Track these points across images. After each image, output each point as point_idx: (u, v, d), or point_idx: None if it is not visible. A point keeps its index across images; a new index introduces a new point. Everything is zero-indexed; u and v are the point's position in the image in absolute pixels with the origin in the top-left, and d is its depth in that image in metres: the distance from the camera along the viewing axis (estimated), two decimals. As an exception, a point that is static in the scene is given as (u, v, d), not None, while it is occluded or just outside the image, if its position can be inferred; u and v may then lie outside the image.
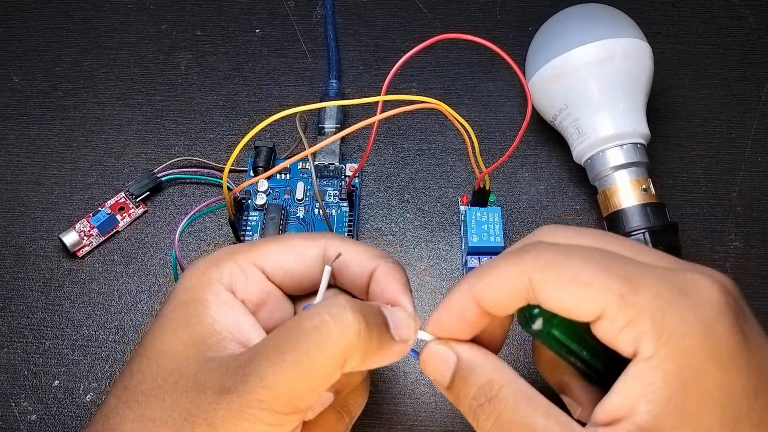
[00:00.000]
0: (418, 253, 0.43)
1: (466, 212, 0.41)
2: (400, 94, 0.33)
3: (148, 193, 0.44)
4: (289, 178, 0.44)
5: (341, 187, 0.43)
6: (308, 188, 0.43)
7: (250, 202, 0.43)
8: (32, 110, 0.48)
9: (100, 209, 0.43)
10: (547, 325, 0.24)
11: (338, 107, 0.45)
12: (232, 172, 0.45)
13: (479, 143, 0.36)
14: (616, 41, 0.41)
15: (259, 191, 0.43)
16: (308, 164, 0.44)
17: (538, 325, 0.24)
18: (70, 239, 0.42)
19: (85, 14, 0.52)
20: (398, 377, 0.39)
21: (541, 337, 0.24)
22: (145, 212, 0.44)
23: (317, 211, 0.43)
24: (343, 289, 0.29)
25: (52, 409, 0.38)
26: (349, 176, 0.44)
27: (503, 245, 0.40)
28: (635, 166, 0.40)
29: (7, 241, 0.43)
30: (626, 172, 0.40)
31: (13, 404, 0.38)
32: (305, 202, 0.43)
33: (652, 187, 0.40)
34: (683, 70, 0.49)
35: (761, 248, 0.43)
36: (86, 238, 0.42)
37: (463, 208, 0.43)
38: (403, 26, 0.51)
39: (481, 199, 0.41)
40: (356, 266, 0.28)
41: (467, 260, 0.41)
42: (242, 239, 0.41)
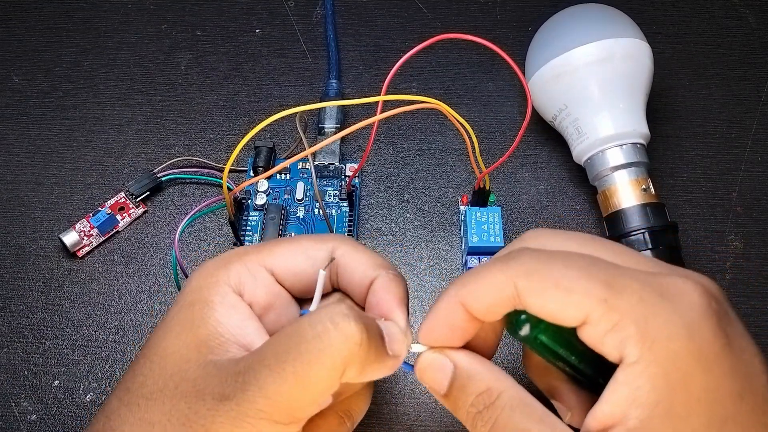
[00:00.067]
0: (418, 253, 0.43)
1: (466, 212, 0.41)
2: (400, 94, 0.33)
3: (148, 193, 0.44)
4: (289, 178, 0.44)
5: (341, 187, 0.43)
6: (308, 188, 0.43)
7: (250, 202, 0.43)
8: (32, 110, 0.48)
9: (100, 209, 0.43)
10: (534, 330, 0.24)
11: (338, 107, 0.45)
12: (232, 172, 0.45)
13: (479, 143, 0.36)
14: (616, 41, 0.41)
15: (259, 191, 0.43)
16: (308, 164, 0.44)
17: (525, 331, 0.24)
18: (70, 239, 0.42)
19: (85, 14, 0.52)
20: (398, 377, 0.39)
21: (528, 342, 0.24)
22: (145, 212, 0.44)
23: (317, 211, 0.43)
24: (346, 293, 0.29)
25: (52, 409, 0.38)
26: (349, 176, 0.44)
27: (503, 245, 0.40)
28: (635, 166, 0.40)
29: (7, 241, 0.43)
30: (626, 172, 0.40)
31: (13, 404, 0.38)
32: (305, 202, 0.43)
33: (651, 187, 0.40)
34: (683, 70, 0.49)
35: (761, 248, 0.43)
36: (86, 238, 0.42)
37: (463, 208, 0.43)
38: (403, 26, 0.51)
39: (481, 199, 0.41)
40: (359, 273, 0.27)
41: (467, 260, 0.41)
42: (242, 239, 0.41)
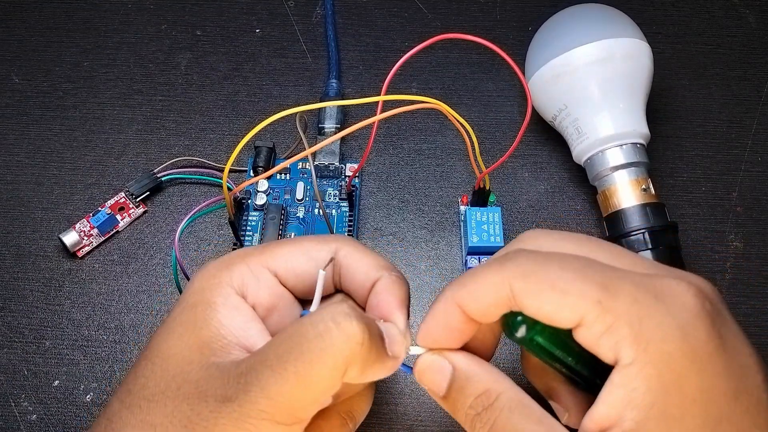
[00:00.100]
0: (418, 253, 0.43)
1: (466, 212, 0.41)
2: (400, 94, 0.33)
3: (148, 193, 0.44)
4: (289, 178, 0.44)
5: (341, 187, 0.43)
6: (308, 188, 0.43)
7: (250, 202, 0.43)
8: (32, 110, 0.48)
9: (100, 209, 0.43)
10: (530, 332, 0.24)
11: (338, 107, 0.45)
12: (232, 172, 0.45)
13: (479, 143, 0.36)
14: (616, 41, 0.41)
15: (259, 191, 0.43)
16: (308, 164, 0.44)
17: (521, 332, 0.24)
18: (70, 239, 0.42)
19: (85, 14, 0.52)
20: (398, 377, 0.39)
21: (524, 344, 0.24)
22: (145, 212, 0.44)
23: (317, 211, 0.43)
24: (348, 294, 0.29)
25: (52, 409, 0.38)
26: (349, 176, 0.44)
27: (503, 245, 0.39)
28: (635, 166, 0.40)
29: (7, 241, 0.43)
30: (626, 172, 0.40)
31: (13, 404, 0.38)
32: (305, 202, 0.43)
33: (651, 187, 0.40)
34: (683, 70, 0.49)
35: (761, 248, 0.43)
36: (86, 238, 0.42)
37: (463, 208, 0.43)
38: (403, 26, 0.51)
39: (481, 199, 0.41)
40: (361, 274, 0.27)
41: (467, 260, 0.41)
42: (242, 239, 0.41)
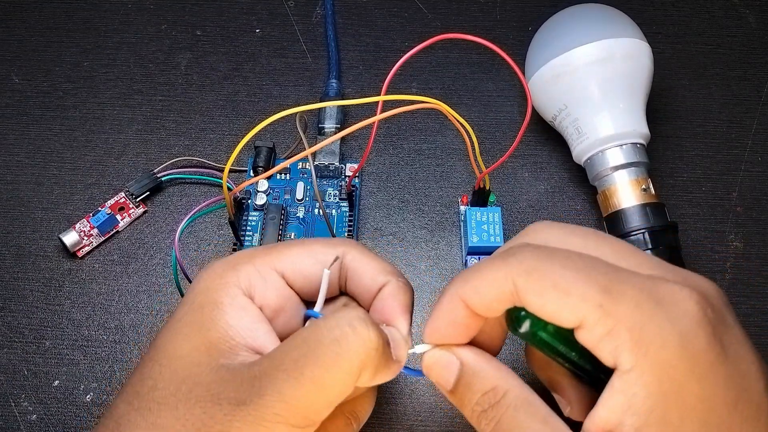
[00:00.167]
0: (418, 253, 0.43)
1: (466, 212, 0.41)
2: (400, 94, 0.33)
3: (148, 193, 0.44)
4: (289, 178, 0.44)
5: (341, 187, 0.43)
6: (308, 188, 0.43)
7: (250, 202, 0.43)
8: (32, 110, 0.48)
9: (100, 209, 0.43)
10: (533, 327, 0.24)
11: (338, 107, 0.45)
12: (232, 172, 0.45)
13: (479, 143, 0.36)
14: (616, 41, 0.41)
15: (259, 191, 0.43)
16: (308, 164, 0.44)
17: (525, 327, 0.24)
18: (70, 239, 0.42)
19: (85, 14, 0.52)
20: (398, 377, 0.39)
21: (528, 339, 0.24)
22: (145, 212, 0.44)
23: (317, 211, 0.43)
24: (353, 297, 0.29)
25: (52, 409, 0.38)
26: (349, 176, 0.44)
27: (503, 245, 0.39)
28: (635, 166, 0.40)
29: (7, 241, 0.43)
30: (626, 172, 0.40)
31: (13, 404, 0.38)
32: (305, 202, 0.43)
33: (651, 187, 0.40)
34: (683, 70, 0.49)
35: (761, 248, 0.43)
36: (86, 238, 0.42)
37: (463, 208, 0.43)
38: (403, 26, 0.51)
39: (481, 199, 0.41)
40: (368, 279, 0.28)
41: (467, 260, 0.41)
42: (242, 239, 0.41)
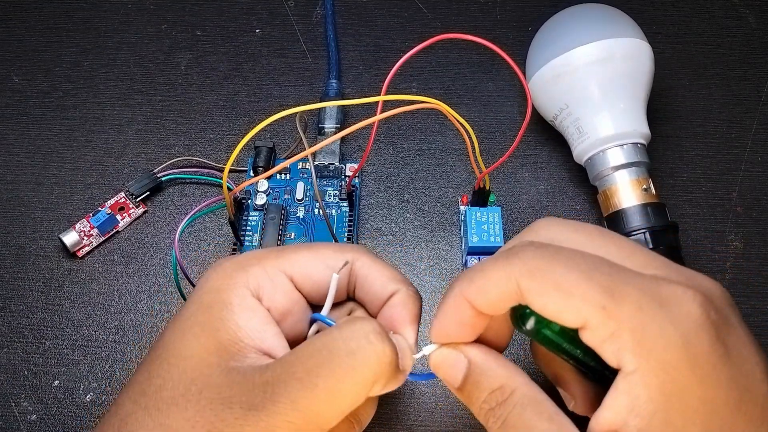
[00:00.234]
0: (418, 253, 0.43)
1: (466, 212, 0.41)
2: (400, 94, 0.33)
3: (148, 193, 0.44)
4: (289, 178, 0.44)
5: (341, 187, 0.43)
6: (308, 188, 0.43)
7: (250, 202, 0.43)
8: (32, 110, 0.48)
9: (100, 209, 0.43)
10: (538, 325, 0.24)
11: (338, 107, 0.45)
12: (232, 172, 0.45)
13: (479, 143, 0.36)
14: (616, 41, 0.41)
15: (259, 191, 0.43)
16: (308, 164, 0.44)
17: (529, 325, 0.24)
18: (70, 239, 0.42)
19: (85, 14, 0.52)
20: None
21: (533, 336, 0.24)
22: (145, 212, 0.44)
23: (317, 211, 0.43)
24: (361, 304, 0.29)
25: (52, 409, 0.38)
26: (349, 176, 0.44)
27: (503, 245, 0.39)
28: (635, 166, 0.40)
29: (7, 241, 0.43)
30: (626, 172, 0.40)
31: (13, 404, 0.38)
32: (305, 202, 0.43)
33: (652, 187, 0.40)
34: (683, 70, 0.49)
35: (761, 248, 0.43)
36: (86, 238, 0.42)
37: (463, 208, 0.43)
38: (403, 26, 0.51)
39: (481, 199, 0.41)
40: (378, 286, 0.28)
41: (467, 260, 0.41)
42: (242, 239, 0.41)
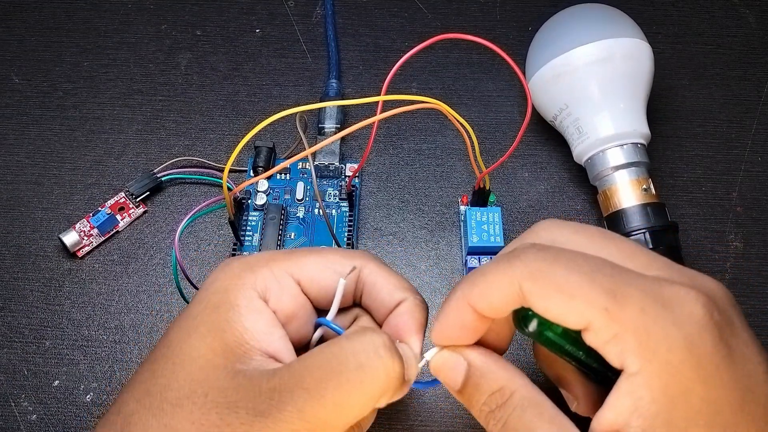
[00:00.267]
0: (418, 253, 0.43)
1: (466, 212, 0.41)
2: (400, 94, 0.33)
3: (148, 193, 0.44)
4: (289, 178, 0.44)
5: (341, 187, 0.43)
6: (308, 188, 0.43)
7: (250, 202, 0.43)
8: (32, 110, 0.48)
9: (100, 209, 0.43)
10: (540, 327, 0.24)
11: (338, 107, 0.45)
12: (232, 172, 0.45)
13: (479, 143, 0.36)
14: (616, 41, 0.41)
15: (259, 191, 0.43)
16: (308, 164, 0.44)
17: (532, 327, 0.24)
18: (70, 239, 0.42)
19: (85, 14, 0.52)
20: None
21: (535, 338, 0.24)
22: (145, 212, 0.44)
23: (317, 211, 0.43)
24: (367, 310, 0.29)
25: (52, 409, 0.38)
26: (349, 176, 0.44)
27: (503, 245, 0.40)
28: (635, 166, 0.40)
29: (7, 241, 0.43)
30: (626, 172, 0.40)
31: (13, 404, 0.38)
32: (305, 202, 0.43)
33: (652, 187, 0.40)
34: (683, 70, 0.49)
35: (761, 248, 0.43)
36: (86, 238, 0.42)
37: (463, 208, 0.43)
38: (403, 26, 0.51)
39: (481, 199, 0.41)
40: (385, 293, 0.28)
41: (467, 260, 0.41)
42: (242, 239, 0.41)
